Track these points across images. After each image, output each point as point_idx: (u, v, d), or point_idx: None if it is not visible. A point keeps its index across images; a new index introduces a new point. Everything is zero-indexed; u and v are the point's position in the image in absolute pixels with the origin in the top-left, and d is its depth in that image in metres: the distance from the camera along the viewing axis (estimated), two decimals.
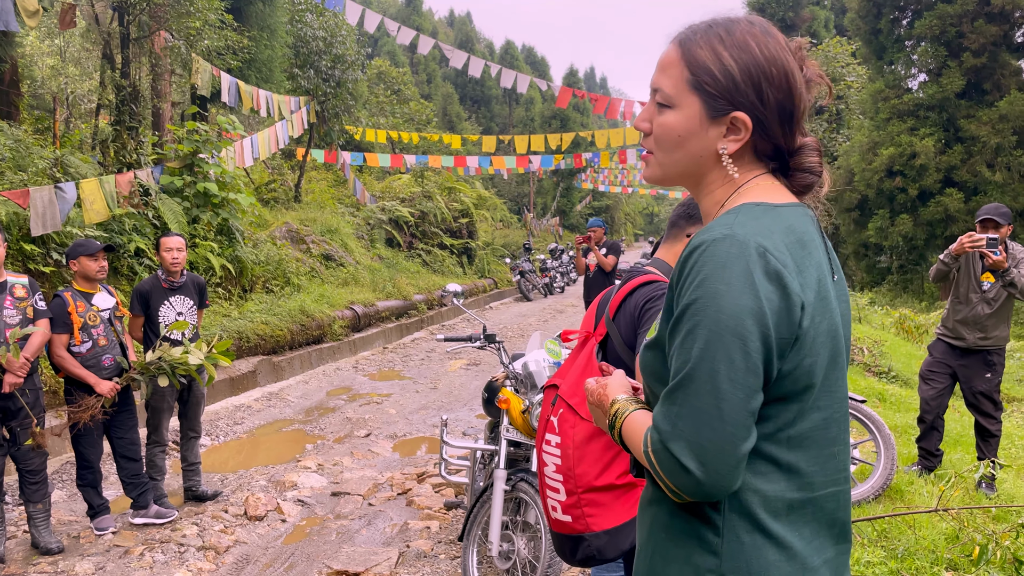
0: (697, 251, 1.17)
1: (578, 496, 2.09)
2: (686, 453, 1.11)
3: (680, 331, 1.16)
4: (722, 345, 1.11)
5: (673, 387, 1.15)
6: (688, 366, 1.13)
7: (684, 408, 1.13)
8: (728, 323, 1.11)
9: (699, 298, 1.14)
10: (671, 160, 1.31)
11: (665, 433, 1.14)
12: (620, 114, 14.99)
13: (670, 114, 1.29)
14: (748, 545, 1.19)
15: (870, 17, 20.70)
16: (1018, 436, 6.22)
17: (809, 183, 1.31)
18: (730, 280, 1.12)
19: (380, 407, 8.12)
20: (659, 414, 1.17)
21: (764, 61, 1.24)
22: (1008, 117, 17.71)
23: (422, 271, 17.40)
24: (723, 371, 1.11)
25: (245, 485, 5.70)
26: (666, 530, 1.26)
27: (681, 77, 1.27)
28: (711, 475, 1.11)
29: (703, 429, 1.11)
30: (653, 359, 1.28)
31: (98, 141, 11.35)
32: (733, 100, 1.24)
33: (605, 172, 36.36)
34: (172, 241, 5.14)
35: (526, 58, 50.63)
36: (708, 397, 1.11)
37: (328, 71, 16.03)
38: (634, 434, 1.27)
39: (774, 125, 1.26)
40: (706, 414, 1.11)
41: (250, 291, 10.86)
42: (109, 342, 4.80)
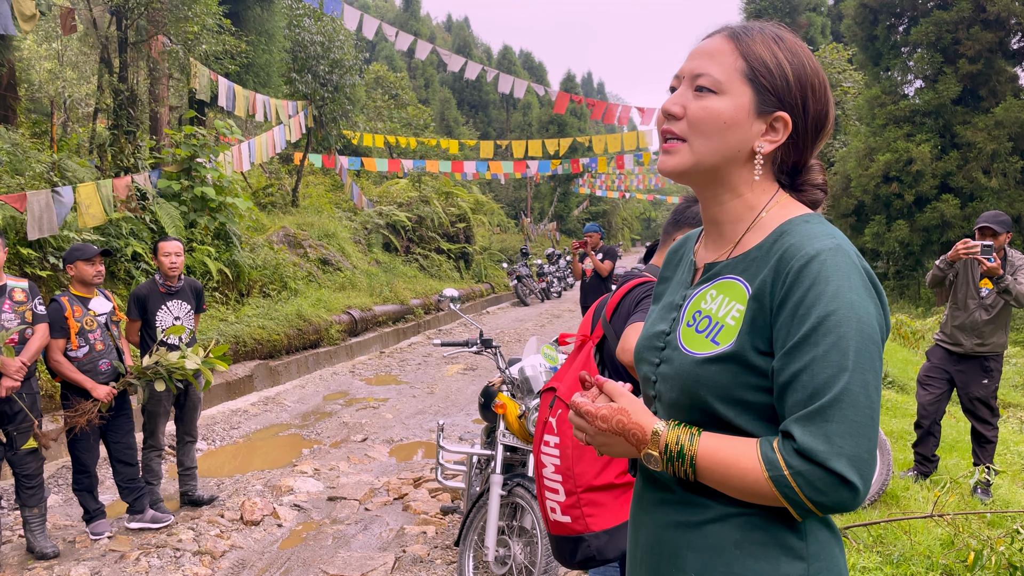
0: (815, 261, 1.16)
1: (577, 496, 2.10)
2: (850, 469, 1.10)
3: (818, 343, 1.13)
4: (868, 356, 1.13)
5: (825, 404, 1.11)
6: (843, 380, 1.11)
7: (842, 425, 1.11)
8: (868, 332, 1.13)
9: (838, 309, 1.13)
10: (708, 148, 1.27)
11: (823, 453, 1.10)
12: (617, 119, 15.02)
13: (716, 100, 1.26)
14: (824, 543, 1.22)
15: (866, 23, 20.78)
16: (1013, 442, 6.23)
17: (818, 200, 1.33)
18: (858, 289, 1.15)
19: (377, 412, 8.12)
20: (807, 434, 1.11)
21: (811, 71, 1.27)
22: (1004, 123, 17.77)
23: (419, 276, 17.41)
24: (872, 381, 1.13)
25: (241, 490, 5.69)
26: (739, 547, 1.22)
27: (734, 66, 1.26)
28: (866, 484, 1.12)
29: (862, 442, 1.11)
30: (720, 374, 1.22)
31: (95, 145, 11.35)
32: (782, 99, 1.26)
33: (602, 177, 36.42)
34: (170, 246, 5.14)
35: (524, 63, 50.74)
36: (864, 410, 1.12)
37: (326, 76, 16.06)
38: (734, 461, 1.18)
39: (808, 136, 1.28)
40: (864, 427, 1.11)
41: (247, 295, 10.85)
42: (106, 347, 4.80)
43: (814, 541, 1.21)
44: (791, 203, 1.30)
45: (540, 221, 36.53)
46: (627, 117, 15.13)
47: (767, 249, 1.25)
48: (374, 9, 48.53)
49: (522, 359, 4.11)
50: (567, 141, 18.62)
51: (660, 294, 1.52)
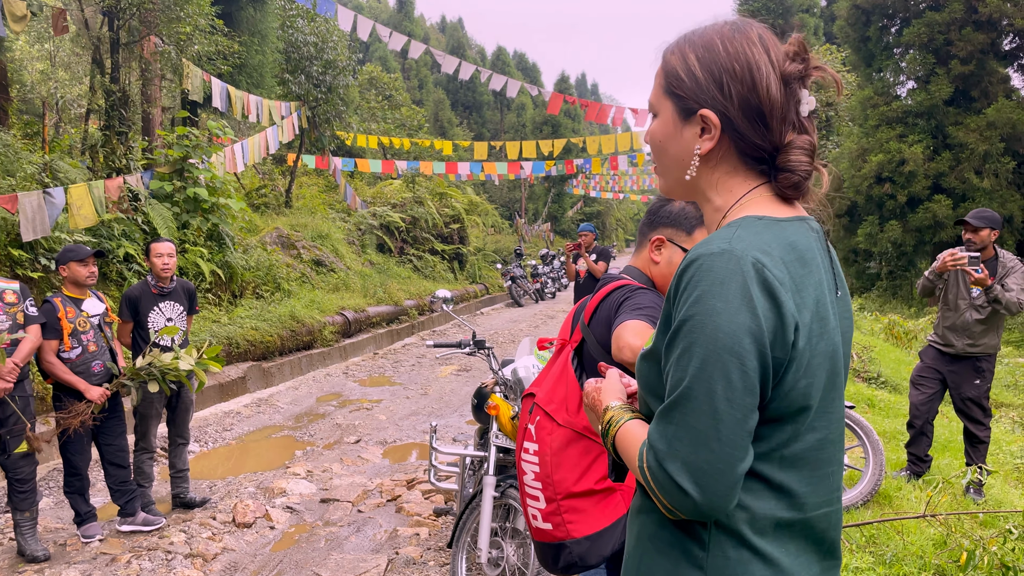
0: (693, 265, 1.15)
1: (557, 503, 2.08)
2: (683, 474, 1.10)
3: (676, 347, 1.14)
4: (719, 364, 1.09)
5: (669, 405, 1.13)
6: (684, 385, 1.11)
7: (680, 428, 1.11)
8: (725, 342, 1.09)
9: (695, 315, 1.11)
10: (663, 168, 1.34)
11: (661, 452, 1.12)
12: (611, 120, 15.02)
13: (654, 122, 1.34)
14: (734, 560, 1.17)
15: (859, 25, 20.84)
16: (1006, 442, 6.25)
17: (793, 183, 1.24)
18: (728, 297, 1.10)
19: (370, 413, 8.10)
20: (655, 432, 1.15)
21: (726, 57, 1.23)
22: (996, 124, 17.84)
23: (413, 276, 17.39)
24: (720, 391, 1.09)
25: (233, 492, 5.67)
26: (652, 540, 1.25)
27: (658, 84, 1.33)
28: (708, 496, 1.09)
29: (700, 450, 1.09)
30: (648, 370, 1.26)
31: (87, 146, 11.31)
32: (698, 99, 1.25)
33: (596, 178, 36.45)
34: (163, 247, 5.13)
35: (517, 64, 50.74)
36: (705, 418, 1.09)
37: (319, 76, 16.02)
38: (628, 446, 1.25)
39: (741, 121, 1.23)
40: (703, 435, 1.09)
41: (240, 297, 10.82)
42: (99, 348, 4.78)
43: (719, 555, 1.17)
44: (754, 203, 1.25)
45: (534, 222, 36.53)
46: (621, 118, 15.14)
47: None
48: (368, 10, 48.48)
49: (515, 360, 4.10)
50: (561, 142, 18.61)
51: None
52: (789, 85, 1.24)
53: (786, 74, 1.24)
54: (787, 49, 1.26)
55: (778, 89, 1.23)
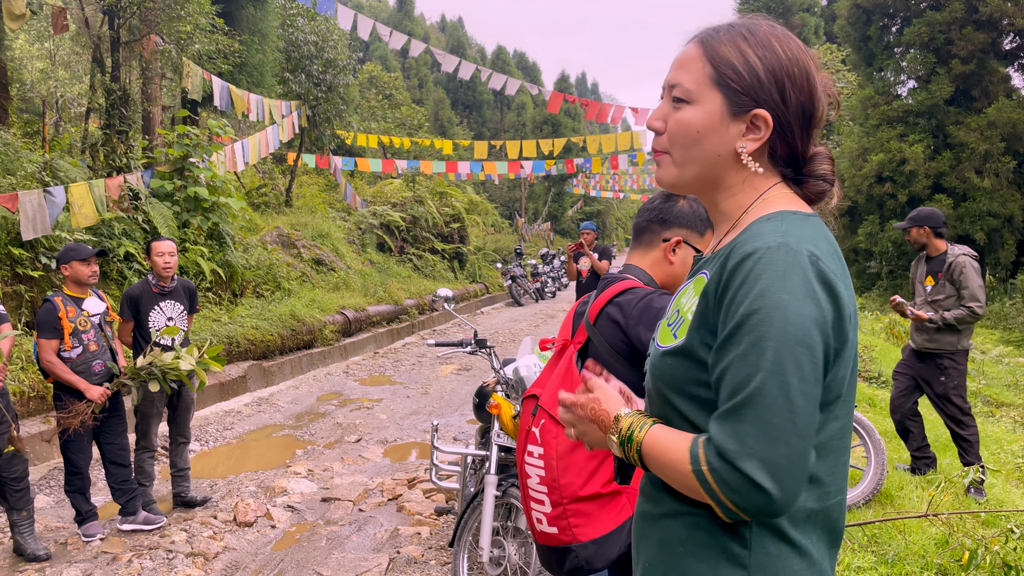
0: (751, 259, 1.14)
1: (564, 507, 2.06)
2: (761, 472, 1.07)
3: (739, 343, 1.12)
4: (792, 357, 1.08)
5: (739, 403, 1.10)
6: (757, 380, 1.09)
7: (754, 425, 1.08)
8: (796, 334, 1.09)
9: (762, 308, 1.10)
10: (688, 158, 1.28)
11: (732, 452, 1.09)
12: (611, 119, 15.02)
13: (689, 110, 1.27)
14: (775, 555, 1.17)
15: (860, 24, 20.83)
16: (1007, 441, 6.25)
17: (822, 191, 1.29)
18: (792, 289, 1.10)
19: (371, 412, 8.10)
20: (721, 432, 1.11)
21: (787, 61, 1.24)
22: (996, 124, 17.83)
23: (413, 276, 17.38)
24: (795, 384, 1.08)
25: (234, 491, 5.67)
26: (684, 544, 1.23)
27: (703, 73, 1.26)
28: (785, 492, 1.08)
29: (778, 446, 1.07)
30: (674, 367, 1.24)
31: (88, 145, 11.31)
32: (756, 97, 1.24)
33: (596, 177, 36.43)
34: (163, 246, 5.12)
35: (518, 63, 50.72)
36: (782, 412, 1.07)
37: (319, 75, 16.01)
38: (666, 451, 1.19)
39: (795, 127, 1.25)
40: (781, 430, 1.07)
41: (240, 296, 10.82)
42: (100, 347, 4.77)
43: (760, 551, 1.17)
44: (779, 199, 1.27)
45: (534, 221, 36.53)
46: (621, 117, 15.14)
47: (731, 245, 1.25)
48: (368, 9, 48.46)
49: (516, 359, 4.09)
50: (561, 141, 18.60)
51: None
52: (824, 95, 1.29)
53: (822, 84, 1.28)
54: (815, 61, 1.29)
55: (824, 100, 1.27)
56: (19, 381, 6.39)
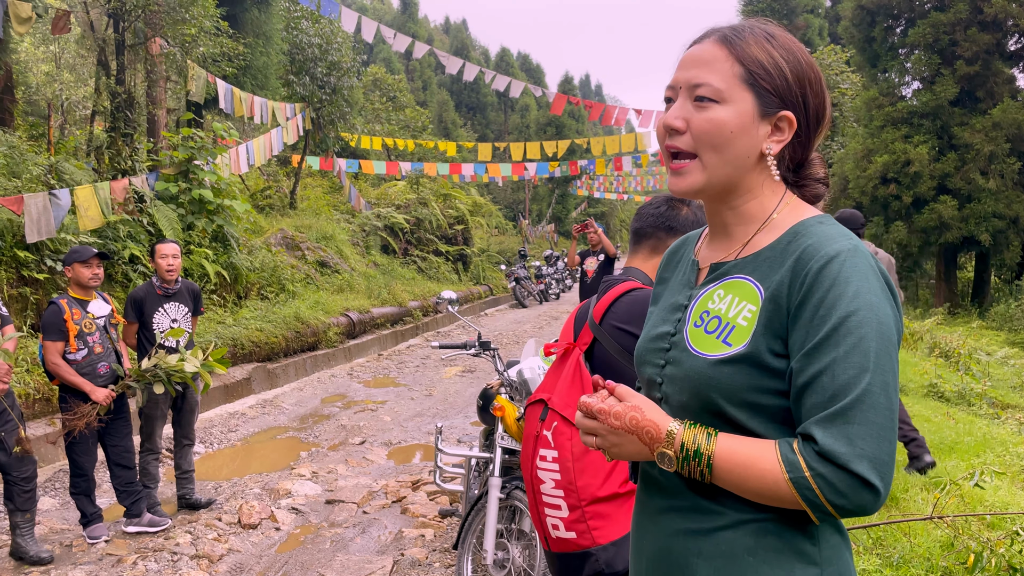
0: (836, 261, 1.16)
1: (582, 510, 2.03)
2: (872, 472, 1.09)
3: (837, 344, 1.12)
4: (888, 356, 1.12)
5: (847, 405, 1.10)
6: (865, 381, 1.10)
7: (864, 426, 1.10)
8: (887, 333, 1.13)
9: (859, 310, 1.12)
10: (719, 160, 1.25)
11: (844, 455, 1.09)
12: (615, 121, 15.02)
13: (719, 109, 1.24)
14: (835, 547, 1.22)
15: (864, 25, 20.80)
16: (1013, 443, 6.22)
17: (820, 194, 1.32)
18: (877, 292, 1.14)
19: (375, 414, 8.11)
20: (828, 435, 1.10)
21: (807, 65, 1.27)
22: (1001, 125, 17.78)
23: (417, 278, 17.40)
24: (891, 383, 1.12)
25: (239, 493, 5.68)
26: (753, 553, 1.21)
27: (731, 72, 1.24)
28: (887, 486, 1.11)
29: (883, 444, 1.10)
30: (733, 375, 1.21)
31: (93, 148, 11.34)
32: (784, 98, 1.25)
33: (600, 179, 36.43)
34: (167, 248, 5.13)
35: (521, 65, 50.76)
36: (885, 411, 1.11)
37: (324, 78, 16.05)
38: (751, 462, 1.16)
39: (809, 130, 1.29)
40: (885, 428, 1.11)
41: (245, 298, 10.84)
42: (105, 349, 4.78)
43: (827, 546, 1.21)
44: (801, 203, 1.31)
45: (538, 223, 36.54)
46: (625, 119, 15.14)
47: (781, 250, 1.24)
48: (372, 11, 48.56)
49: (520, 361, 4.09)
50: (565, 143, 18.62)
51: (658, 295, 1.50)
52: None
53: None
54: None
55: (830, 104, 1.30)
56: (24, 383, 6.41)
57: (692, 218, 2.27)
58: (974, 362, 10.81)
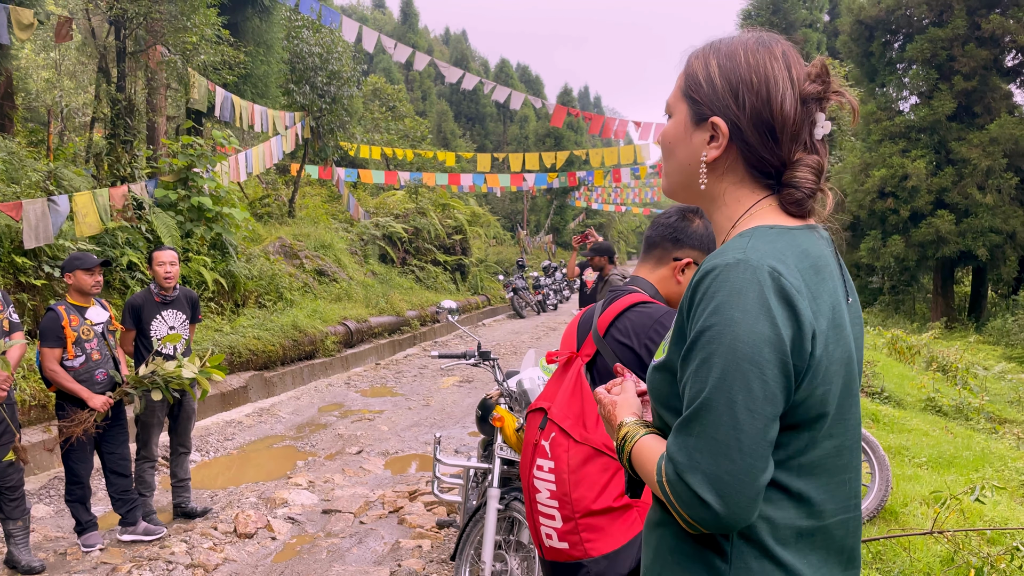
0: (709, 276, 1.15)
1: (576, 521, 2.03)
2: (704, 486, 1.08)
3: (694, 358, 1.14)
4: (740, 374, 1.08)
5: (689, 416, 1.12)
6: (704, 395, 1.10)
7: (701, 439, 1.10)
8: (745, 351, 1.09)
9: (714, 325, 1.11)
10: (669, 168, 1.35)
11: (681, 465, 1.11)
12: (614, 133, 15.06)
13: (668, 122, 1.36)
14: (756, 571, 1.17)
15: (862, 40, 20.91)
16: (1011, 458, 6.21)
17: (796, 199, 1.24)
18: (746, 307, 1.10)
19: (372, 424, 8.08)
20: (674, 444, 1.14)
21: (746, 68, 1.25)
22: (998, 140, 17.87)
23: (415, 287, 17.38)
24: (741, 400, 1.08)
25: (235, 502, 5.65)
26: (672, 553, 1.24)
27: (678, 86, 1.34)
28: (730, 508, 1.08)
29: (722, 461, 1.08)
30: (661, 382, 1.26)
31: (92, 154, 11.34)
32: (712, 105, 1.26)
33: (599, 191, 36.49)
34: (165, 255, 5.12)
35: (521, 76, 50.92)
36: (727, 428, 1.08)
37: (324, 87, 16.08)
38: (646, 461, 1.24)
39: (751, 133, 1.23)
40: (724, 445, 1.08)
41: (243, 306, 10.81)
42: (102, 356, 4.76)
43: (742, 567, 1.17)
44: (764, 213, 1.25)
45: (536, 234, 36.56)
46: (624, 131, 15.18)
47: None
48: (372, 22, 48.72)
49: (520, 372, 4.08)
50: (564, 154, 18.65)
51: None
52: (806, 104, 1.24)
53: (804, 93, 1.24)
54: (809, 70, 1.26)
55: (792, 106, 1.23)
56: (21, 390, 6.38)
57: (702, 231, 2.24)
58: (971, 376, 10.81)
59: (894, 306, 21.38)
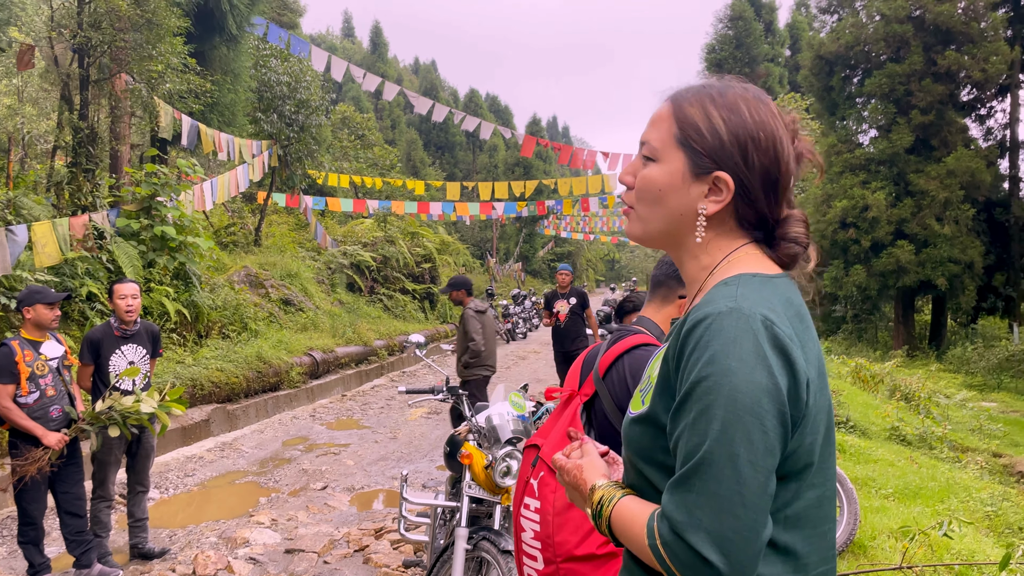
0: (701, 325, 1.12)
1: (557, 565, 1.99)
2: (707, 545, 1.03)
3: (689, 411, 1.09)
4: (741, 425, 1.05)
5: (687, 473, 1.07)
6: (704, 449, 1.05)
7: (702, 496, 1.05)
8: (744, 402, 1.05)
9: (710, 375, 1.07)
10: (652, 215, 1.29)
11: (680, 524, 1.06)
12: (583, 164, 15.18)
13: (654, 167, 1.27)
14: None
15: (822, 75, 21.42)
16: (975, 489, 6.28)
17: (794, 253, 1.27)
18: (742, 356, 1.07)
19: (338, 458, 7.94)
20: (671, 503, 1.08)
21: (753, 124, 1.23)
22: (955, 172, 18.34)
23: (383, 316, 17.25)
24: (743, 454, 1.04)
25: (194, 542, 5.48)
26: None
27: (669, 132, 1.27)
28: (735, 566, 1.03)
29: (725, 518, 1.03)
30: (641, 435, 1.22)
31: (53, 183, 11.13)
32: (718, 159, 1.23)
33: (567, 219, 36.72)
34: (126, 288, 5.00)
35: (490, 106, 51.30)
36: (729, 483, 1.04)
37: (292, 115, 16.03)
38: (630, 524, 1.17)
39: (757, 190, 1.24)
40: (728, 501, 1.04)
41: (206, 337, 10.62)
42: (57, 392, 4.62)
43: None
44: (744, 261, 1.25)
45: (505, 262, 36.62)
46: (592, 162, 15.31)
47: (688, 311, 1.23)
48: (341, 51, 48.85)
49: (489, 406, 4.03)
50: (533, 183, 18.76)
51: None
52: (799, 162, 1.28)
53: (797, 151, 1.27)
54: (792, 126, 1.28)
55: (793, 165, 1.26)
56: None
57: None
58: (934, 405, 10.96)
59: (857, 334, 21.69)
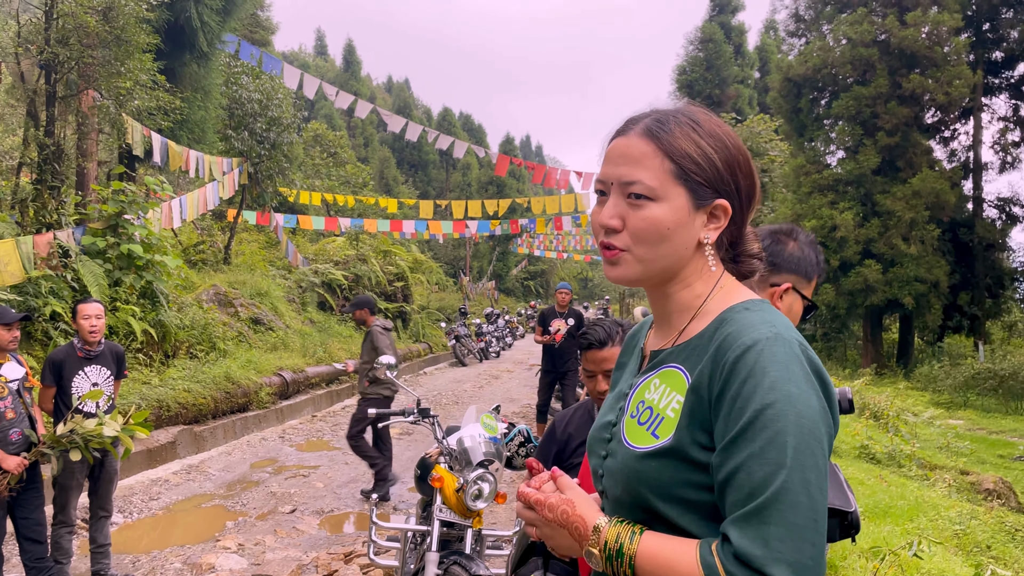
0: (752, 351, 1.10)
1: None
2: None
3: (753, 439, 1.06)
4: (809, 452, 1.05)
5: (762, 504, 1.03)
6: (781, 479, 1.03)
7: (781, 527, 1.02)
8: (809, 427, 1.06)
9: (775, 402, 1.06)
10: (656, 255, 1.22)
11: (759, 559, 1.01)
12: (556, 183, 15.24)
13: (655, 207, 1.20)
14: None
15: (791, 96, 21.78)
16: (944, 507, 6.33)
17: (755, 269, 1.30)
18: (797, 381, 1.07)
19: (307, 480, 7.81)
20: (744, 538, 1.03)
21: (735, 149, 1.25)
22: (921, 193, 18.68)
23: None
24: (814, 480, 1.04)
25: (158, 568, 5.35)
26: None
27: (662, 168, 1.21)
28: None
29: (804, 547, 1.02)
30: (660, 469, 1.16)
31: (17, 200, 10.92)
32: (717, 188, 1.23)
33: (540, 238, 36.83)
34: (90, 308, 4.90)
35: (463, 125, 51.45)
36: (806, 511, 1.03)
37: (263, 133, 15.93)
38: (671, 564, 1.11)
39: (742, 212, 1.27)
40: (807, 530, 1.03)
41: (173, 357, 10.44)
42: (17, 415, 4.49)
43: None
44: (735, 288, 1.27)
45: (479, 280, 36.59)
46: (566, 181, 15.39)
47: (708, 338, 1.20)
48: (314, 68, 48.78)
49: (461, 428, 3.99)
50: (506, 202, 18.82)
51: (615, 381, 1.45)
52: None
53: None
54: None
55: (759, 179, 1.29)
56: None
57: (799, 255, 2.11)
58: (902, 423, 11.07)
59: (826, 352, 21.93)
